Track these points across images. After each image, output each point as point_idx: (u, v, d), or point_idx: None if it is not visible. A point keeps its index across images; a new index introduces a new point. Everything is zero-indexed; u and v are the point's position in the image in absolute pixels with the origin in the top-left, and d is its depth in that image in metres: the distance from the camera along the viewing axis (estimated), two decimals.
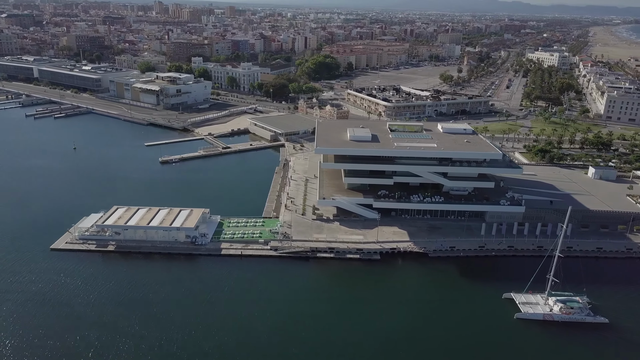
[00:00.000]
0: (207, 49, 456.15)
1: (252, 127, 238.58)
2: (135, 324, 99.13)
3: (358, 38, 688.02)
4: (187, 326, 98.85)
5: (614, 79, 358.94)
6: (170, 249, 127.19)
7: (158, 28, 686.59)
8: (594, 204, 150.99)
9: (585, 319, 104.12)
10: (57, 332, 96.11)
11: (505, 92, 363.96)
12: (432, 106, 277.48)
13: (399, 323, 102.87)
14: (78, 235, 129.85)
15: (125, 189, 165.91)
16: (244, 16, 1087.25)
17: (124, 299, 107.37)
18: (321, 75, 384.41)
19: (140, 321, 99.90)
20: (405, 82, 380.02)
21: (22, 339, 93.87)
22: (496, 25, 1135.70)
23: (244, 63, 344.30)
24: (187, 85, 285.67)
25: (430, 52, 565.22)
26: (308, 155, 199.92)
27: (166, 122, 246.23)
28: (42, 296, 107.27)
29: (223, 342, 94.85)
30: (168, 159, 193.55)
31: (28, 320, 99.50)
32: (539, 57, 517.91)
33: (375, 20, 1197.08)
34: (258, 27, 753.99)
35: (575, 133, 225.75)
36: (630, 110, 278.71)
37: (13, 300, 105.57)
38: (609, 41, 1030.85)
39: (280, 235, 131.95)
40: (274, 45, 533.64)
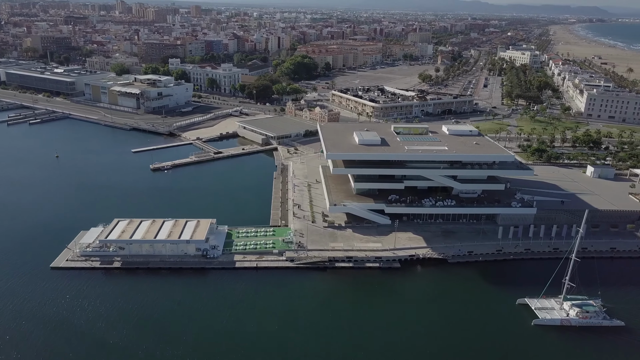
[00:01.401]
0: (180, 49, 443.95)
1: (240, 130, 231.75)
2: (152, 346, 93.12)
3: (329, 38, 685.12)
4: (207, 346, 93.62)
5: (588, 77, 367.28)
6: (180, 263, 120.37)
7: (124, 28, 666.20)
8: (600, 204, 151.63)
9: (602, 323, 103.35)
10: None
11: (484, 91, 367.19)
12: (419, 106, 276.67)
13: (422, 333, 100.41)
14: (79, 251, 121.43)
15: (119, 200, 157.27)
16: (210, 16, 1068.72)
17: (135, 320, 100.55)
18: (300, 76, 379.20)
19: (156, 343, 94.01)
20: (384, 81, 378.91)
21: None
22: (461, 25, 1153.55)
23: (224, 64, 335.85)
24: (169, 87, 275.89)
25: (403, 51, 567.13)
26: (305, 159, 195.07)
27: (150, 126, 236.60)
28: (48, 320, 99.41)
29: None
30: (159, 166, 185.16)
31: (37, 347, 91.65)
32: (511, 55, 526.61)
33: (342, 20, 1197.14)
34: (227, 27, 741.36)
35: (565, 131, 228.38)
36: (610, 108, 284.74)
37: (17, 326, 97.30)
38: (570, 40, 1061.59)
39: (295, 245, 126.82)
40: (247, 45, 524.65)
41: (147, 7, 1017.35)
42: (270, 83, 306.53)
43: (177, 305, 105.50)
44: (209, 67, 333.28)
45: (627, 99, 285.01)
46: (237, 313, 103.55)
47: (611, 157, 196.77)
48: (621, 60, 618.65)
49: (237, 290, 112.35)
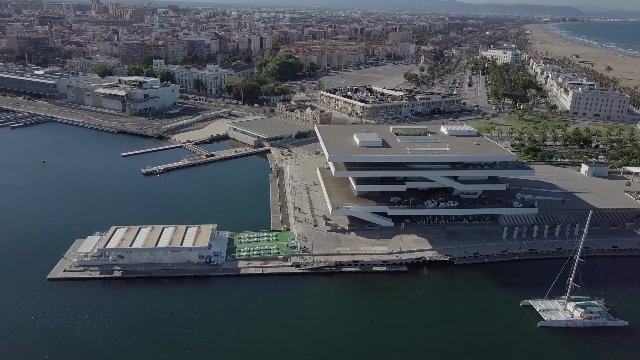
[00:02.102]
0: (162, 50, 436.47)
1: (231, 132, 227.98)
2: (160, 359, 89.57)
3: (311, 37, 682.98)
4: (217, 357, 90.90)
5: (571, 75, 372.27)
6: (183, 271, 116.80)
7: (102, 28, 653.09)
8: (599, 202, 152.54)
9: (607, 323, 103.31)
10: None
11: (469, 90, 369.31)
12: (408, 106, 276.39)
13: (431, 337, 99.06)
14: (77, 261, 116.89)
15: (113, 206, 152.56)
16: (189, 15, 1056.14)
17: (140, 332, 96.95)
18: (286, 76, 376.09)
19: (164, 355, 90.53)
20: (369, 81, 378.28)
21: None
22: (440, 24, 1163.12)
23: (210, 65, 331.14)
24: (155, 89, 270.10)
25: (386, 51, 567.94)
26: (300, 161, 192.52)
27: (138, 129, 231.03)
28: (49, 335, 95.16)
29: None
30: (151, 170, 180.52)
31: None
32: (493, 54, 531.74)
33: (321, 20, 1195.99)
34: (207, 27, 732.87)
35: (555, 130, 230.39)
36: (595, 106, 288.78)
37: (16, 342, 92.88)
38: (546, 39, 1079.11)
39: (300, 249, 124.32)
40: (230, 45, 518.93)
41: (124, 7, 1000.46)
42: (257, 84, 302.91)
43: (183, 316, 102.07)
44: (194, 68, 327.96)
45: (611, 97, 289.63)
46: (244, 322, 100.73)
47: (603, 156, 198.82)
48: (598, 59, 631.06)
49: (243, 298, 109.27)
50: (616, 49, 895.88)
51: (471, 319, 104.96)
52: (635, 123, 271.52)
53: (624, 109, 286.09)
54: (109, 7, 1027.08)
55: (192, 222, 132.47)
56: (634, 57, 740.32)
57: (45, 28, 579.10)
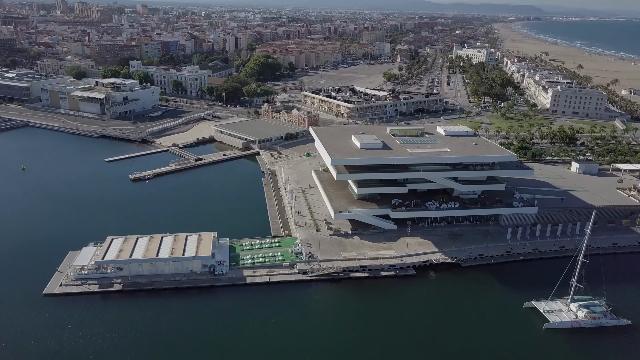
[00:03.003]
0: (136, 51, 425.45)
1: (217, 134, 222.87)
2: None
3: (285, 37, 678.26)
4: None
5: (546, 74, 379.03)
6: (187, 282, 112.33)
7: (69, 29, 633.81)
8: (594, 200, 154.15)
9: (610, 323, 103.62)
10: None
11: (449, 89, 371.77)
12: (393, 106, 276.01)
13: (443, 341, 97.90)
14: (74, 275, 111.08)
15: (103, 214, 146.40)
16: (158, 15, 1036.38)
17: (146, 348, 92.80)
18: (265, 77, 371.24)
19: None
20: (349, 81, 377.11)
21: None
22: (411, 23, 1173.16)
23: (189, 66, 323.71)
24: (134, 91, 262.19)
25: (362, 50, 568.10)
26: (291, 163, 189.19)
27: (120, 133, 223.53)
28: (51, 355, 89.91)
29: None
30: (139, 175, 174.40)
31: None
32: (468, 53, 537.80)
33: (293, 19, 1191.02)
34: (178, 27, 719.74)
35: (540, 128, 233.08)
36: (574, 104, 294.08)
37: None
38: (514, 37, 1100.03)
39: (305, 256, 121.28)
40: (205, 45, 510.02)
41: (90, 6, 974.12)
42: (239, 85, 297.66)
43: (189, 329, 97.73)
44: (173, 69, 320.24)
45: (589, 95, 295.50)
46: (254, 333, 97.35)
47: (591, 153, 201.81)
48: (566, 57, 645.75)
49: (251, 309, 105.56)
50: (581, 47, 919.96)
51: (479, 321, 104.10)
52: (613, 120, 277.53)
53: (602, 107, 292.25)
54: (74, 6, 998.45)
55: (188, 230, 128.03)
56: (599, 55, 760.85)
57: (10, 28, 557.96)
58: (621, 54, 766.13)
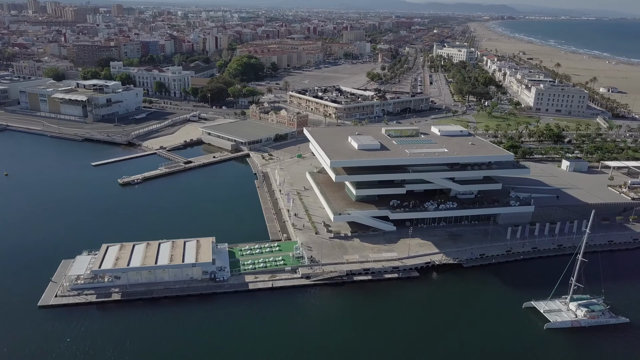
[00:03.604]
0: (114, 51, 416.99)
1: (205, 136, 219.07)
2: None
3: (265, 37, 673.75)
4: None
5: (527, 72, 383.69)
6: (188, 289, 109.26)
7: (43, 29, 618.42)
8: (587, 197, 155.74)
9: (609, 322, 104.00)
10: None
11: (432, 88, 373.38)
12: (380, 106, 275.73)
13: (449, 343, 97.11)
14: (69, 285, 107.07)
15: (93, 221, 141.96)
16: (134, 15, 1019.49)
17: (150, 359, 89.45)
18: (248, 77, 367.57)
19: None
20: (332, 81, 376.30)
21: None
22: (388, 23, 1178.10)
23: (173, 67, 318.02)
24: (117, 93, 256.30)
25: (343, 50, 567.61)
26: (283, 165, 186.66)
27: (105, 136, 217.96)
28: None
29: None
30: (129, 180, 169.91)
31: None
32: (448, 52, 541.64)
33: (271, 19, 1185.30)
34: (156, 27, 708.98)
35: (528, 126, 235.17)
36: (556, 102, 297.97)
37: None
38: (491, 36, 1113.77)
39: (307, 260, 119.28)
40: (184, 46, 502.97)
41: (64, 6, 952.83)
42: (224, 85, 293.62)
43: (192, 338, 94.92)
44: (155, 70, 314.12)
45: (571, 93, 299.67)
46: (260, 341, 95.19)
47: (579, 151, 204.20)
48: (543, 56, 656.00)
49: (255, 315, 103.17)
50: (556, 45, 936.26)
51: (482, 322, 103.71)
52: (595, 117, 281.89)
53: (584, 104, 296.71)
54: (47, 6, 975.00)
55: (183, 235, 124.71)
56: (574, 53, 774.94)
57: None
58: (594, 52, 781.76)
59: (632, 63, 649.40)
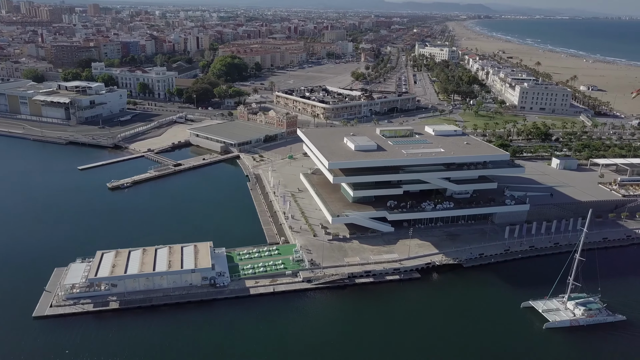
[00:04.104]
0: (94, 52, 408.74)
1: (193, 138, 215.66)
2: None
3: (246, 37, 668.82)
4: None
5: (510, 71, 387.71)
6: (188, 296, 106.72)
7: (18, 29, 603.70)
8: (580, 195, 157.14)
9: (607, 320, 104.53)
10: None
11: (417, 88, 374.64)
12: (367, 105, 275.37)
13: (454, 343, 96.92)
14: (64, 294, 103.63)
15: (84, 227, 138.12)
16: (111, 15, 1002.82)
17: None
18: (232, 77, 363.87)
19: None
20: (317, 81, 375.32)
21: None
22: (368, 22, 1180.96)
23: (156, 67, 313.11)
24: (101, 95, 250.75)
25: (325, 49, 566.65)
26: (275, 166, 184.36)
27: (90, 139, 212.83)
28: None
29: None
30: (118, 184, 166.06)
31: None
32: (431, 52, 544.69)
33: (250, 18, 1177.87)
34: (134, 27, 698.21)
35: (515, 124, 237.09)
36: (540, 100, 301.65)
37: None
38: (469, 35, 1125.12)
39: (308, 263, 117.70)
40: (166, 46, 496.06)
41: (38, 5, 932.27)
42: (209, 86, 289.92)
43: (195, 346, 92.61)
44: (139, 71, 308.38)
45: (555, 92, 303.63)
46: (263, 347, 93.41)
47: (567, 149, 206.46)
48: (522, 54, 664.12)
49: (258, 321, 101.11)
50: (533, 44, 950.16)
51: (484, 323, 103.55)
52: (578, 115, 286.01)
53: (567, 103, 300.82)
54: (21, 6, 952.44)
55: (177, 240, 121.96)
56: (552, 52, 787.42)
57: None
58: (571, 51, 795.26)
59: (608, 61, 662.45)
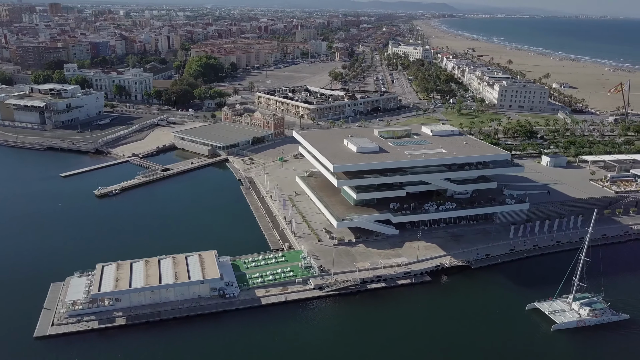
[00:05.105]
0: (62, 53, 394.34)
1: (178, 141, 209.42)
2: None
3: (217, 37, 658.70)
4: None
5: (485, 69, 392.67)
6: (197, 309, 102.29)
7: None
8: (574, 192, 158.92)
9: (612, 319, 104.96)
10: None
11: (396, 87, 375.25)
12: (351, 105, 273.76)
13: (469, 347, 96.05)
14: (66, 312, 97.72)
15: (75, 238, 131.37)
16: (73, 14, 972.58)
17: None
18: (208, 78, 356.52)
19: None
20: (295, 80, 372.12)
21: None
22: (337, 21, 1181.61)
23: (133, 69, 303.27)
24: (77, 98, 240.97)
25: (299, 49, 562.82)
26: (267, 169, 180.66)
27: (70, 144, 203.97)
28: None
29: None
30: (106, 191, 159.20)
31: None
32: (405, 50, 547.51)
33: (218, 18, 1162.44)
34: (100, 27, 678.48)
35: (500, 122, 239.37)
36: (519, 98, 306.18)
37: None
38: (437, 34, 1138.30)
39: (317, 269, 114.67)
40: (136, 46, 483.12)
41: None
42: (189, 88, 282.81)
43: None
44: (114, 73, 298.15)
45: (533, 90, 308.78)
46: (281, 358, 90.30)
47: (554, 146, 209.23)
48: (491, 53, 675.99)
49: (272, 332, 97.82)
50: (500, 43, 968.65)
51: (495, 325, 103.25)
52: (556, 112, 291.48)
53: (545, 100, 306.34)
54: None
55: (176, 249, 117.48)
56: (519, 50, 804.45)
57: None
58: (537, 49, 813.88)
59: (572, 59, 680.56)
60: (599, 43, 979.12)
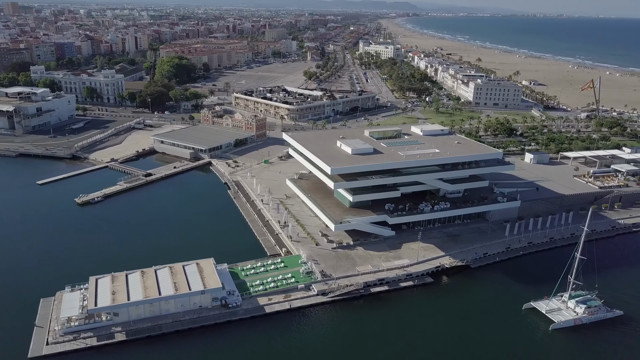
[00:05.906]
0: (26, 54, 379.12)
1: (158, 145, 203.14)
2: None
3: (185, 36, 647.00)
4: None
5: (458, 68, 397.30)
6: (199, 320, 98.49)
7: None
8: (560, 189, 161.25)
9: (607, 316, 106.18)
10: None
11: (371, 86, 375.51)
12: (330, 105, 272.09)
13: (474, 348, 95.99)
14: (60, 329, 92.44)
15: (60, 249, 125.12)
16: (31, 14, 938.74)
17: None
18: (181, 79, 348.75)
19: None
20: (269, 80, 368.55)
21: None
22: (305, 20, 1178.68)
23: (104, 70, 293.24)
24: (48, 101, 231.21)
25: (271, 48, 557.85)
26: (253, 172, 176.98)
27: (43, 150, 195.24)
28: None
29: None
30: (87, 198, 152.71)
31: None
32: (376, 49, 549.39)
33: (183, 17, 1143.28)
34: (63, 27, 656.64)
35: (479, 120, 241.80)
36: (494, 96, 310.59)
37: None
38: (404, 33, 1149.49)
39: (319, 274, 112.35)
40: (102, 47, 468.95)
41: None
42: (164, 89, 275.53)
43: None
44: (84, 75, 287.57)
45: (507, 87, 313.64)
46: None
47: (534, 143, 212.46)
48: (459, 51, 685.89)
49: (279, 341, 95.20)
50: (465, 41, 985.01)
51: (494, 325, 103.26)
52: (530, 109, 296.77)
53: (518, 98, 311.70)
54: None
55: (168, 258, 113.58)
56: (485, 48, 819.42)
57: None
58: (501, 47, 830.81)
59: (536, 57, 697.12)
60: (558, 41, 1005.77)
